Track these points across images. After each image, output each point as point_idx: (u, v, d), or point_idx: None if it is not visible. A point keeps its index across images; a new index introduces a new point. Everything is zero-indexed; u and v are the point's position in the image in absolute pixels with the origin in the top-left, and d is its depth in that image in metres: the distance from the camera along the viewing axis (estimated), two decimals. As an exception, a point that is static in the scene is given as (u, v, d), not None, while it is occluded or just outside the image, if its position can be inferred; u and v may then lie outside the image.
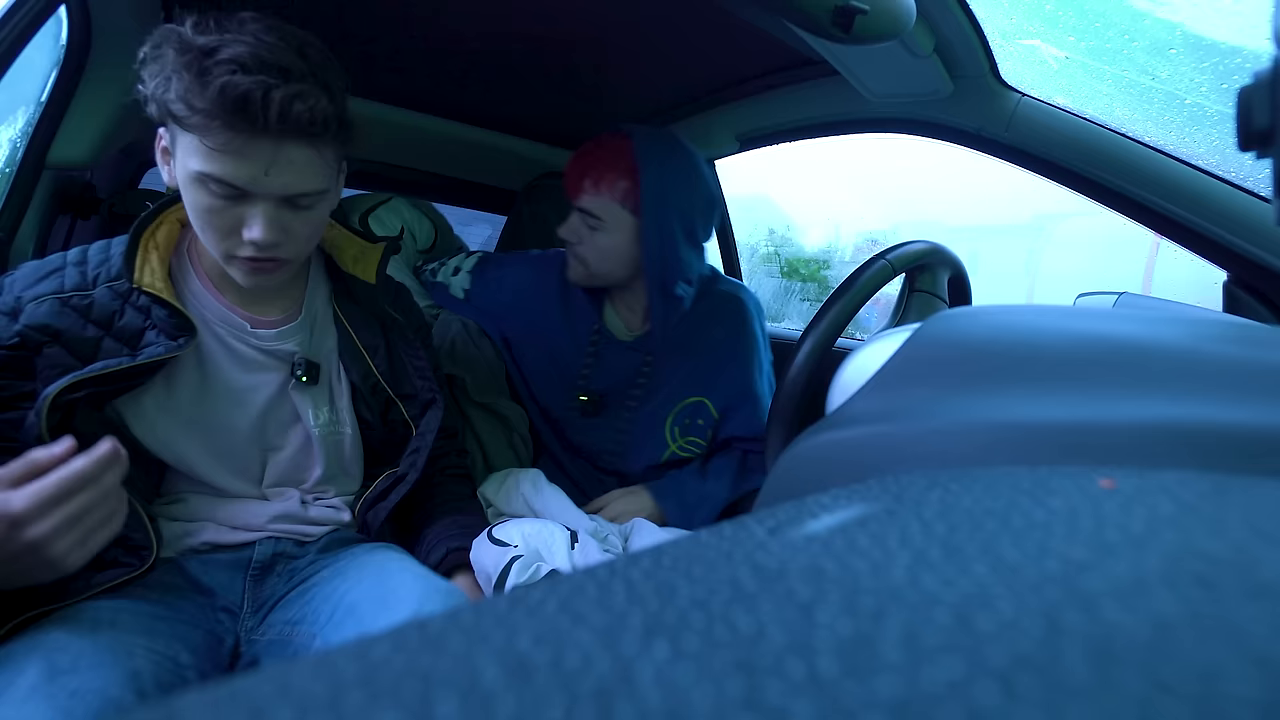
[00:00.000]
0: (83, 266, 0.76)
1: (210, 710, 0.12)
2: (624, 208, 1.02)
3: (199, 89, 0.64)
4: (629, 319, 1.16)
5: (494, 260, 1.25)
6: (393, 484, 0.89)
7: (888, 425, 0.39)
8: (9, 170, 0.97)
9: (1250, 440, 0.28)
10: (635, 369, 1.14)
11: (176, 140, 0.69)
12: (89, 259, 0.77)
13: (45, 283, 0.74)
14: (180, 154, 0.69)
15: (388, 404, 0.89)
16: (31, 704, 0.52)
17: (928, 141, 1.13)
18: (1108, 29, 0.89)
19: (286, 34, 0.69)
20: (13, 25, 0.81)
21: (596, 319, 1.14)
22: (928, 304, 0.81)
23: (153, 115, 0.69)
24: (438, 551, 0.87)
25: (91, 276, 0.76)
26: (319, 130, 0.69)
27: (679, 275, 1.05)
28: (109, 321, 0.74)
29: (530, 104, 1.45)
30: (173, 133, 0.70)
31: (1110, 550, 0.16)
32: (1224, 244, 0.86)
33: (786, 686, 0.12)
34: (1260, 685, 0.11)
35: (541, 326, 1.17)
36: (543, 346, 1.17)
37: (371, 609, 0.70)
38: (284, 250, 0.73)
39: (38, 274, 0.75)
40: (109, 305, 0.74)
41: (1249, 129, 0.32)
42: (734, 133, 1.43)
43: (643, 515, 1.08)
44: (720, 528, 0.20)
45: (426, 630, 0.15)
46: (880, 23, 0.71)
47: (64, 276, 0.75)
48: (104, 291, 0.75)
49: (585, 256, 1.06)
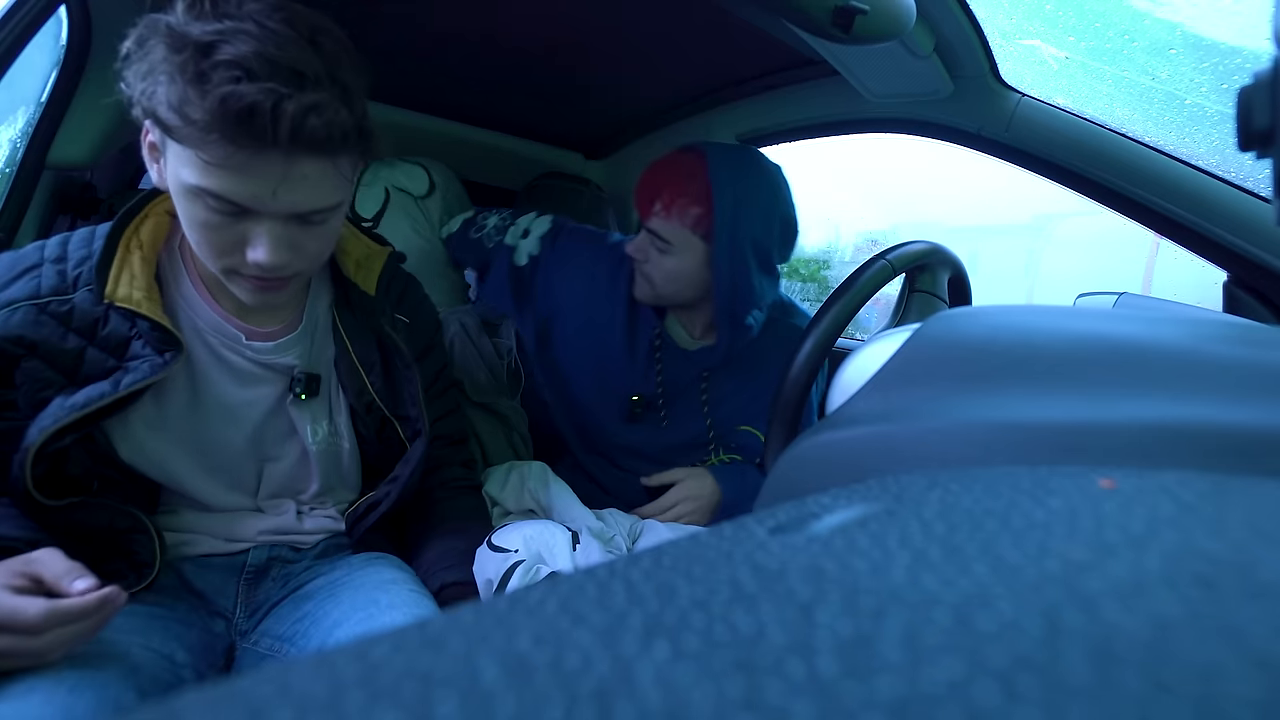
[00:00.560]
0: (62, 265, 0.67)
1: (210, 710, 0.12)
2: (695, 234, 0.98)
3: (195, 97, 0.54)
4: (690, 328, 1.13)
5: (569, 230, 1.18)
6: (369, 508, 0.84)
7: (888, 425, 0.39)
8: (9, 170, 0.97)
9: (1250, 440, 0.28)
10: (693, 381, 1.11)
11: (167, 144, 0.60)
12: (69, 255, 0.68)
13: (19, 284, 0.65)
14: (172, 160, 0.60)
15: (383, 423, 0.83)
16: (31, 700, 0.52)
17: (928, 141, 1.13)
18: (1108, 29, 0.89)
19: (295, 17, 0.59)
20: (13, 25, 0.81)
21: (658, 323, 1.11)
22: (928, 304, 0.80)
23: (137, 118, 0.60)
24: (432, 584, 0.82)
25: (72, 277, 0.67)
26: (336, 145, 0.60)
27: (750, 304, 1.01)
28: (92, 330, 0.66)
29: (530, 104, 1.45)
30: (162, 136, 0.60)
31: (1110, 550, 0.16)
32: (1224, 244, 0.86)
33: (786, 686, 0.12)
34: (1260, 685, 0.11)
35: (600, 320, 1.12)
36: (595, 340, 1.13)
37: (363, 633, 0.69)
38: (293, 268, 0.65)
39: (10, 272, 0.66)
40: (91, 311, 0.66)
41: (1249, 129, 0.32)
42: (734, 133, 1.43)
43: (705, 497, 1.04)
44: (720, 528, 0.20)
45: (426, 630, 0.15)
46: (880, 23, 0.71)
47: (40, 277, 0.66)
48: (85, 296, 0.66)
49: (652, 276, 1.03)
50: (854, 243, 5.94)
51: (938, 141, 1.11)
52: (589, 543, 0.89)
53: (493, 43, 1.18)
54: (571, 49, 1.20)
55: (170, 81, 0.56)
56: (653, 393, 1.12)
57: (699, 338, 1.13)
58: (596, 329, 1.14)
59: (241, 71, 0.55)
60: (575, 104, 1.46)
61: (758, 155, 1.03)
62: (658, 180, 1.00)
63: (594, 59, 1.24)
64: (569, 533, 0.89)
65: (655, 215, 0.99)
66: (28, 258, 0.68)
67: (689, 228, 0.98)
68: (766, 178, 1.01)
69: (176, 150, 0.59)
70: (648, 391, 1.12)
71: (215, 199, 0.59)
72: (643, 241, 1.02)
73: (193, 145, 0.56)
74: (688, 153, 1.01)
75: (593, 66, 1.27)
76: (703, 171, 0.97)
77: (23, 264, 0.67)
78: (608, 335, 1.13)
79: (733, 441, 1.12)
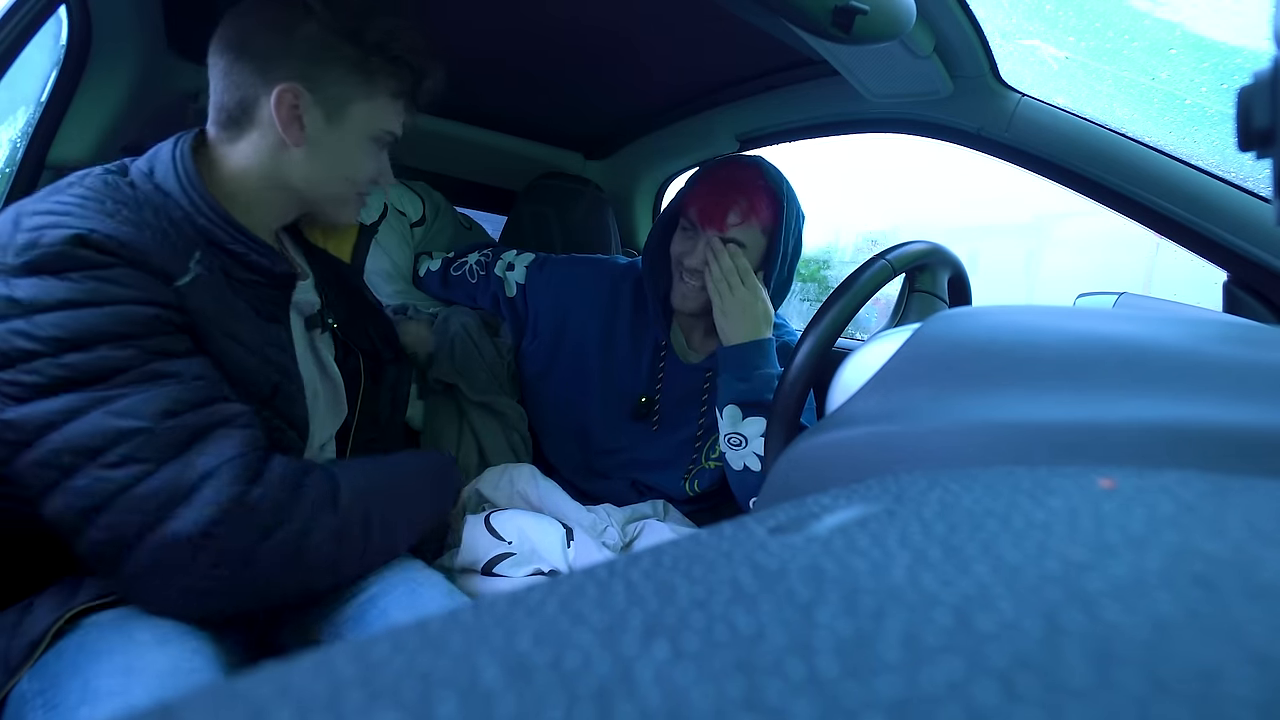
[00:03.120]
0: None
1: (210, 710, 0.12)
2: (764, 234, 1.05)
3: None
4: (692, 340, 1.18)
5: (553, 260, 1.25)
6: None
7: (888, 425, 0.39)
8: (9, 170, 0.97)
9: (1250, 440, 0.28)
10: (696, 390, 1.16)
11: (352, 105, 0.74)
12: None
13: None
14: (358, 120, 0.75)
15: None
16: (152, 652, 0.56)
17: (928, 141, 1.13)
18: (1108, 29, 0.89)
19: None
20: (13, 25, 0.81)
21: (664, 335, 1.16)
22: (928, 304, 0.80)
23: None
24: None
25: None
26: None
27: (782, 299, 1.12)
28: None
29: (531, 104, 1.45)
30: (350, 96, 0.74)
31: (1110, 550, 0.16)
32: (1224, 244, 0.86)
33: (786, 687, 0.12)
34: (1260, 685, 0.11)
35: (604, 333, 1.18)
36: (599, 351, 1.18)
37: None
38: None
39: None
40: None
41: (1249, 129, 0.32)
42: (734, 133, 1.43)
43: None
44: (720, 528, 0.20)
45: (426, 630, 0.15)
46: (880, 23, 0.71)
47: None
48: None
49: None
50: (854, 243, 5.94)
51: (938, 141, 1.11)
52: (583, 539, 0.90)
53: (493, 43, 1.18)
54: (571, 49, 1.20)
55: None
56: (651, 399, 1.17)
57: (699, 351, 1.18)
58: (599, 339, 1.18)
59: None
60: (575, 104, 1.46)
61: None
62: (732, 192, 1.04)
63: (594, 59, 1.24)
64: (563, 529, 0.90)
65: (733, 225, 1.04)
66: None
67: (761, 229, 1.05)
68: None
69: (365, 108, 0.77)
70: (649, 396, 1.17)
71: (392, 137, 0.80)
72: (704, 251, 1.05)
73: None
74: (741, 163, 1.08)
75: (593, 66, 1.27)
76: (764, 176, 1.05)
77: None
78: (612, 345, 1.17)
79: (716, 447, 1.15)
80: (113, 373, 0.59)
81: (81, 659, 0.56)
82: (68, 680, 0.55)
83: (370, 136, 0.77)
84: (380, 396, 0.96)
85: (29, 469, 0.58)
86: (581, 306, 1.19)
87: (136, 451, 0.58)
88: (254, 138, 0.73)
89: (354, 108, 0.74)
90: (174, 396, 0.60)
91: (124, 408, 0.58)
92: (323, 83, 0.72)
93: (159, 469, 0.58)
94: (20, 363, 0.57)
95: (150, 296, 0.62)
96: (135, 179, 0.70)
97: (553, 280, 1.21)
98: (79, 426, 0.57)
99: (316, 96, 0.72)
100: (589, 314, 1.19)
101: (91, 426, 0.57)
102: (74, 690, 0.54)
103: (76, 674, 0.55)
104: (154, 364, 0.61)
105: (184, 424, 0.60)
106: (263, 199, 0.76)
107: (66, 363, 0.57)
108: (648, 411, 1.17)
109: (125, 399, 0.59)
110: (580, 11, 1.07)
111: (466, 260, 1.27)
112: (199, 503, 0.59)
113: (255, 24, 0.71)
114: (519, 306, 1.23)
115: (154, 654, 0.57)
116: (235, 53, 0.71)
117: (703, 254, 1.05)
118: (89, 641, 0.58)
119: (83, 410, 0.57)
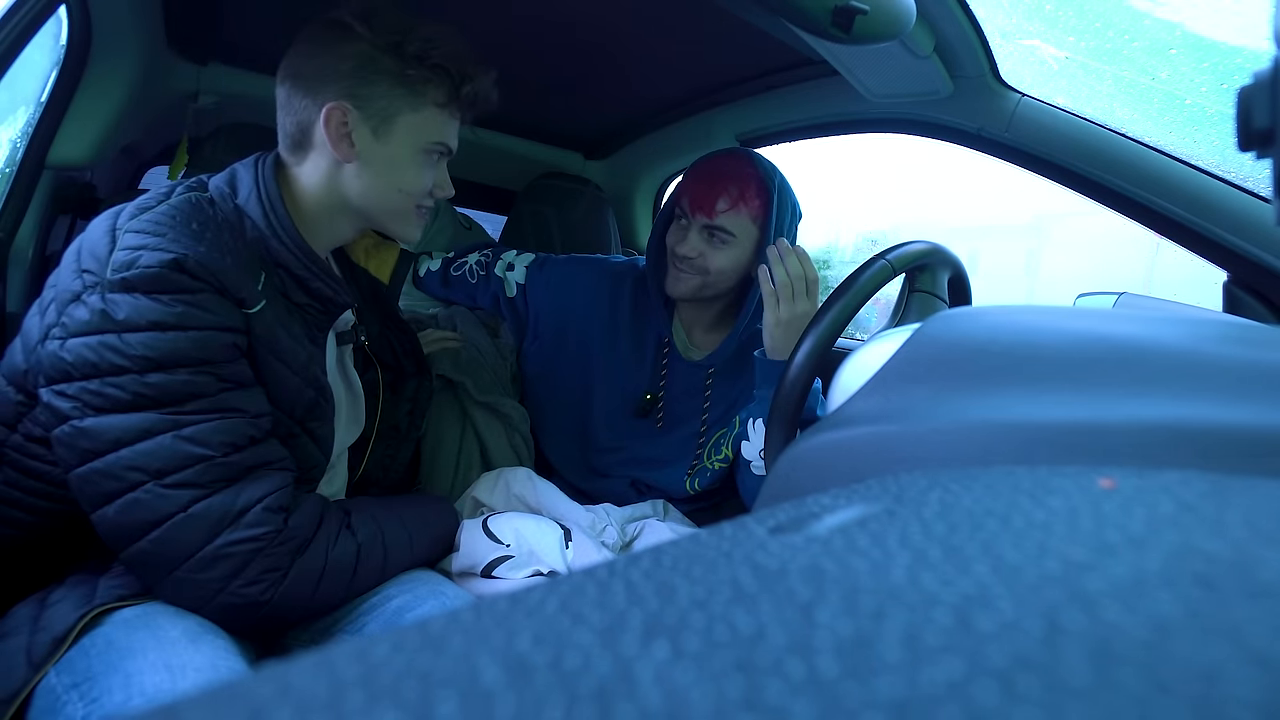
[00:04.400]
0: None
1: (210, 710, 0.12)
2: (754, 223, 1.05)
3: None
4: (693, 336, 1.19)
5: (554, 259, 1.26)
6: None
7: (888, 425, 0.39)
8: (9, 170, 0.97)
9: (1250, 440, 0.28)
10: (699, 387, 1.16)
11: (399, 118, 0.75)
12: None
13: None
14: (406, 132, 0.76)
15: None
16: (188, 650, 0.59)
17: (928, 141, 1.13)
18: (1108, 29, 0.89)
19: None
20: (13, 25, 0.81)
21: (667, 332, 1.16)
22: (928, 304, 0.80)
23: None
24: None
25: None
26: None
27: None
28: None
29: (530, 104, 1.45)
30: (396, 109, 0.74)
31: (1110, 550, 0.16)
32: (1224, 244, 0.86)
33: (786, 686, 0.12)
34: (1260, 685, 0.11)
35: (605, 332, 1.18)
36: (601, 350, 1.18)
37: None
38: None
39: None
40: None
41: (1249, 129, 0.32)
42: (734, 132, 1.43)
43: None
44: (720, 528, 0.20)
45: (426, 630, 0.15)
46: (880, 23, 0.71)
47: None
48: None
49: (707, 269, 1.07)
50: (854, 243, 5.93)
51: (938, 141, 1.11)
52: (581, 540, 0.90)
53: (493, 43, 1.18)
54: (572, 49, 1.20)
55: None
56: (655, 396, 1.17)
57: (701, 348, 1.18)
58: (601, 338, 1.18)
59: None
60: (575, 104, 1.46)
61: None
62: (722, 179, 1.05)
63: (594, 59, 1.24)
64: (561, 530, 0.90)
65: (721, 211, 1.04)
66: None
67: (751, 218, 1.05)
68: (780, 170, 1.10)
69: (412, 120, 0.77)
70: (653, 393, 1.18)
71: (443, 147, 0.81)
72: (696, 239, 1.06)
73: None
74: (732, 153, 1.09)
75: (593, 66, 1.27)
76: (753, 165, 1.06)
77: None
78: (614, 344, 1.18)
79: (727, 435, 1.15)
80: (189, 397, 0.63)
81: (113, 655, 0.59)
82: (105, 676, 0.57)
83: (421, 149, 0.78)
84: (399, 408, 0.98)
85: (91, 475, 0.62)
86: (582, 306, 1.19)
87: (199, 477, 0.62)
88: (314, 159, 0.76)
89: (401, 120, 0.75)
90: (239, 430, 0.65)
91: (194, 434, 0.62)
92: (368, 98, 0.73)
93: (214, 495, 0.63)
94: (109, 375, 0.60)
95: (228, 323, 0.65)
96: (215, 198, 0.73)
97: (553, 280, 1.21)
98: (151, 445, 0.61)
99: (363, 113, 0.73)
100: (590, 313, 1.19)
101: (162, 447, 0.61)
102: (115, 686, 0.56)
103: (114, 670, 0.57)
104: (225, 394, 0.65)
105: (242, 459, 0.65)
106: (326, 220, 0.78)
107: (150, 382, 0.61)
108: (651, 408, 1.17)
109: (196, 426, 0.63)
110: (580, 12, 1.07)
111: (466, 260, 1.27)
112: (244, 526, 0.63)
113: (306, 50, 0.73)
114: (519, 307, 1.23)
115: (189, 652, 0.59)
116: (292, 80, 0.74)
117: (694, 243, 1.06)
118: (118, 638, 0.61)
119: (157, 430, 0.61)
